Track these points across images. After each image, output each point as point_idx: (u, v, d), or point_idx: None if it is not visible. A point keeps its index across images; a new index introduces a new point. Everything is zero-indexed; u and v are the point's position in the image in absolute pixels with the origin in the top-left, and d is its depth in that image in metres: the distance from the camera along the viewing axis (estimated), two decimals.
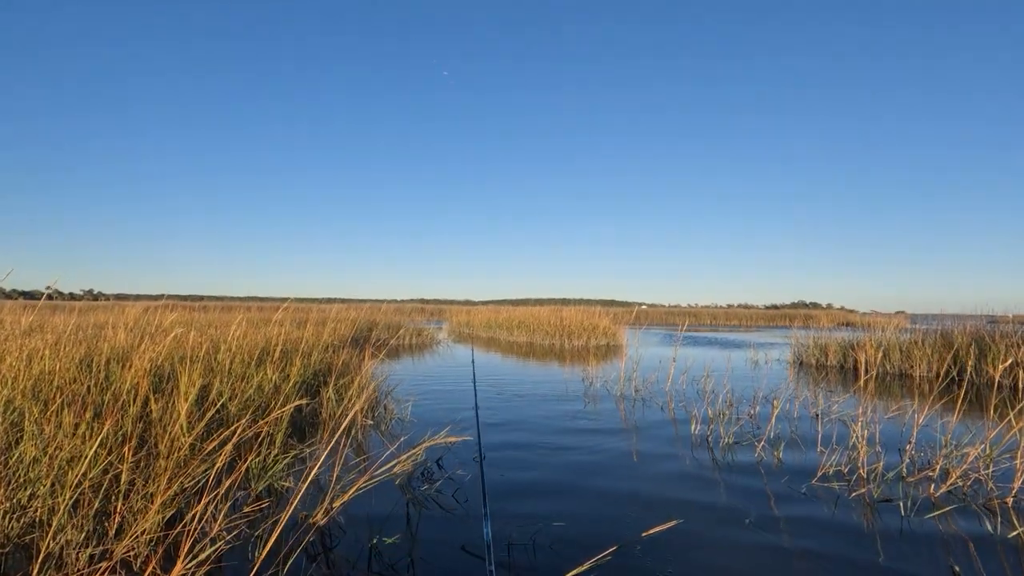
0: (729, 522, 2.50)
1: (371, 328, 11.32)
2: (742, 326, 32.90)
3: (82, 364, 3.90)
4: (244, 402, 3.70)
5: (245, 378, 4.04)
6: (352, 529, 2.36)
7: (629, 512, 2.62)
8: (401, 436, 3.89)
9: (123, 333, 5.07)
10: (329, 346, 6.84)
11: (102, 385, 3.51)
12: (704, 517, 2.56)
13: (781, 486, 2.99)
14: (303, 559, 2.11)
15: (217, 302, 20.88)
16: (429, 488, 2.87)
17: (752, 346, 13.67)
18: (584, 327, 14.87)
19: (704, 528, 2.43)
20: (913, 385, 7.39)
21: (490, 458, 3.44)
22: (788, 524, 2.49)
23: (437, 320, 28.14)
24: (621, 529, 2.41)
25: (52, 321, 7.24)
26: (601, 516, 2.57)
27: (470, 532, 2.36)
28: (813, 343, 10.23)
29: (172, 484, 2.14)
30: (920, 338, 8.81)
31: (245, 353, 4.61)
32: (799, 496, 2.85)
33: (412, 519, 2.49)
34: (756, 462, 3.45)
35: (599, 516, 2.56)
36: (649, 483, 3.06)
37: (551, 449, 3.70)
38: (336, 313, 10.39)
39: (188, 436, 2.61)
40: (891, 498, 2.81)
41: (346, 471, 2.84)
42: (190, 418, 2.99)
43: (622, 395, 5.91)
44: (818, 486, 2.99)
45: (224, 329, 6.01)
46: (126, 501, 2.15)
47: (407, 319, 17.35)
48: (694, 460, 3.49)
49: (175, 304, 12.22)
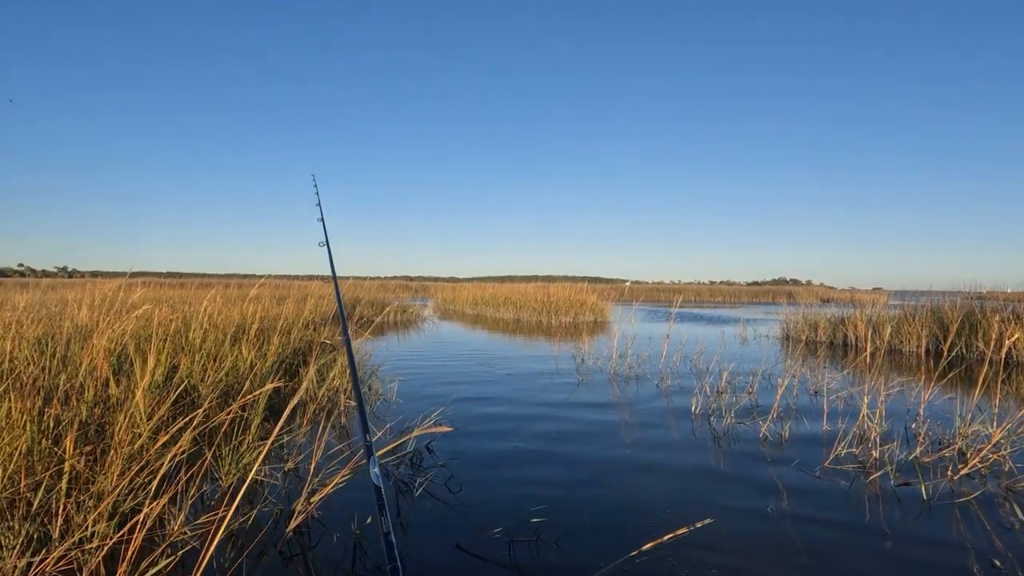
0: (753, 514, 2.32)
1: (354, 305, 10.99)
2: (726, 302, 33.09)
3: (39, 345, 3.58)
4: (215, 384, 3.43)
5: (218, 358, 3.75)
6: (334, 524, 2.13)
7: (638, 506, 2.43)
8: (387, 419, 3.66)
9: (86, 310, 4.71)
10: (310, 323, 6.55)
11: (57, 367, 3.21)
12: (723, 507, 2.37)
13: (792, 470, 2.82)
14: (278, 560, 1.87)
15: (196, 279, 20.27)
16: (418, 476, 2.65)
17: (740, 322, 13.63)
18: (571, 303, 14.71)
19: (727, 519, 2.24)
20: (903, 361, 7.34)
21: (482, 442, 3.23)
22: (808, 511, 2.32)
23: (422, 297, 27.78)
24: (634, 524, 2.21)
25: (14, 299, 6.82)
26: (611, 510, 2.37)
27: (465, 526, 2.14)
28: (802, 319, 10.18)
29: (124, 478, 1.88)
30: (910, 313, 8.77)
31: (219, 331, 4.31)
32: (813, 480, 2.68)
33: (402, 511, 2.26)
34: (761, 442, 3.28)
35: (609, 509, 2.37)
36: (655, 471, 2.87)
37: (548, 435, 3.49)
38: (317, 289, 10.04)
39: (148, 422, 2.34)
40: (910, 482, 2.66)
41: (327, 459, 2.60)
42: (153, 402, 2.71)
43: (615, 372, 5.73)
44: (831, 469, 2.83)
45: (198, 306, 5.67)
46: (70, 499, 1.89)
47: (391, 296, 17.01)
48: (698, 442, 3.31)
49: (152, 281, 11.73)
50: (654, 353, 6.86)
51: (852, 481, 2.68)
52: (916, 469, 2.83)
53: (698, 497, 2.48)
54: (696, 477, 2.74)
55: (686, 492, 2.54)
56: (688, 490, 2.57)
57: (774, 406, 3.72)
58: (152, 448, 1.92)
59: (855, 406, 4.07)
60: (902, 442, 3.24)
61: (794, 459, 2.98)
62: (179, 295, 8.48)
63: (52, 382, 2.89)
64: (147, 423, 2.34)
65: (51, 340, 3.69)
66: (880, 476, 2.72)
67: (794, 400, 4.42)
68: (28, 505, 1.85)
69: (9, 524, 1.80)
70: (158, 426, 2.51)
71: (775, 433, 3.44)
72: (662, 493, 2.52)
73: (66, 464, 1.87)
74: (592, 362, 6.51)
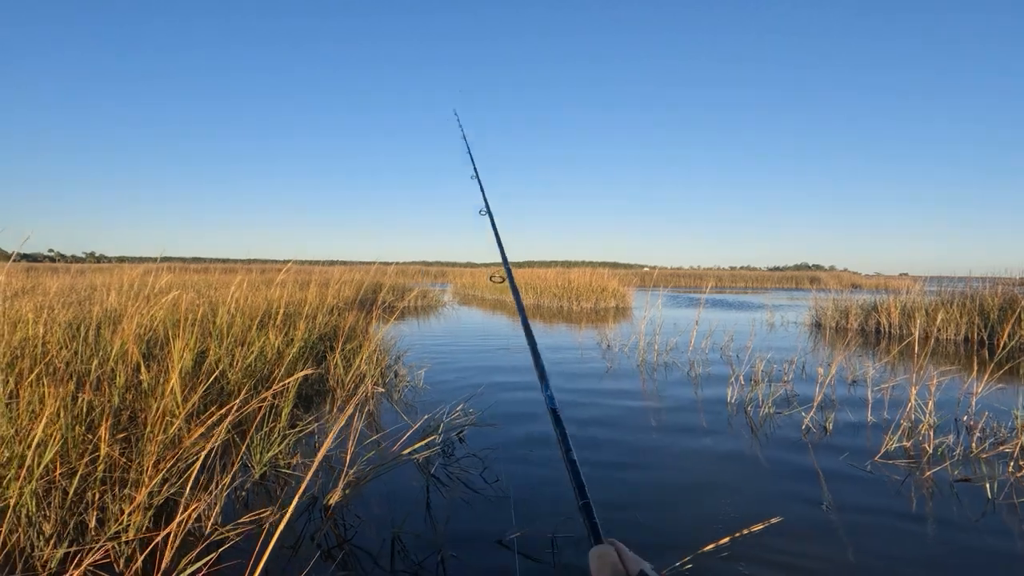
0: (810, 510, 2.21)
1: (377, 290, 10.99)
2: (750, 288, 32.53)
3: (70, 329, 3.58)
4: (245, 370, 3.40)
5: (246, 343, 3.72)
6: (369, 516, 2.07)
7: (690, 501, 2.33)
8: (416, 407, 3.60)
9: (115, 295, 4.73)
10: (334, 308, 6.53)
11: (89, 352, 3.20)
12: (777, 501, 2.26)
13: (842, 464, 2.69)
14: (316, 553, 1.82)
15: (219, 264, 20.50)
16: (451, 466, 2.58)
17: (767, 308, 13.34)
18: (592, 289, 14.54)
19: (783, 514, 2.14)
20: (940, 349, 7.08)
21: (514, 430, 3.15)
22: (864, 507, 2.20)
23: (440, 282, 27.81)
24: (688, 520, 2.12)
25: (45, 283, 6.91)
26: (661, 505, 2.28)
27: (503, 520, 2.07)
28: (832, 305, 9.90)
29: (160, 468, 1.83)
30: (947, 300, 8.46)
31: (246, 316, 4.29)
32: (866, 475, 2.55)
33: (435, 504, 2.20)
34: (804, 433, 3.15)
35: (658, 503, 2.27)
36: (699, 463, 2.77)
37: (583, 423, 3.40)
38: (340, 274, 10.04)
39: (182, 409, 2.30)
40: (969, 478, 2.51)
41: (361, 449, 2.55)
42: (184, 389, 2.68)
43: (643, 360, 5.61)
44: (883, 464, 2.69)
45: (224, 291, 5.67)
46: (104, 488, 1.85)
47: (412, 281, 17.02)
48: (736, 433, 3.20)
49: (176, 267, 11.87)
50: (682, 340, 6.72)
51: (906, 476, 2.54)
52: (974, 464, 2.68)
53: (750, 492, 2.37)
54: (743, 470, 2.63)
55: (735, 486, 2.43)
56: (737, 484, 2.46)
57: (816, 396, 3.58)
58: (188, 438, 1.87)
59: (897, 397, 3.90)
60: (954, 435, 3.08)
61: (842, 451, 2.84)
62: (203, 280, 8.54)
63: (83, 367, 2.88)
64: (181, 410, 2.30)
65: (81, 325, 3.69)
66: (937, 471, 2.58)
67: (831, 390, 4.26)
68: (64, 494, 1.82)
69: (45, 514, 1.76)
70: (190, 413, 2.48)
71: (818, 424, 3.30)
72: (712, 487, 2.42)
73: (101, 452, 1.84)
74: (619, 348, 6.40)
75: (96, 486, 1.83)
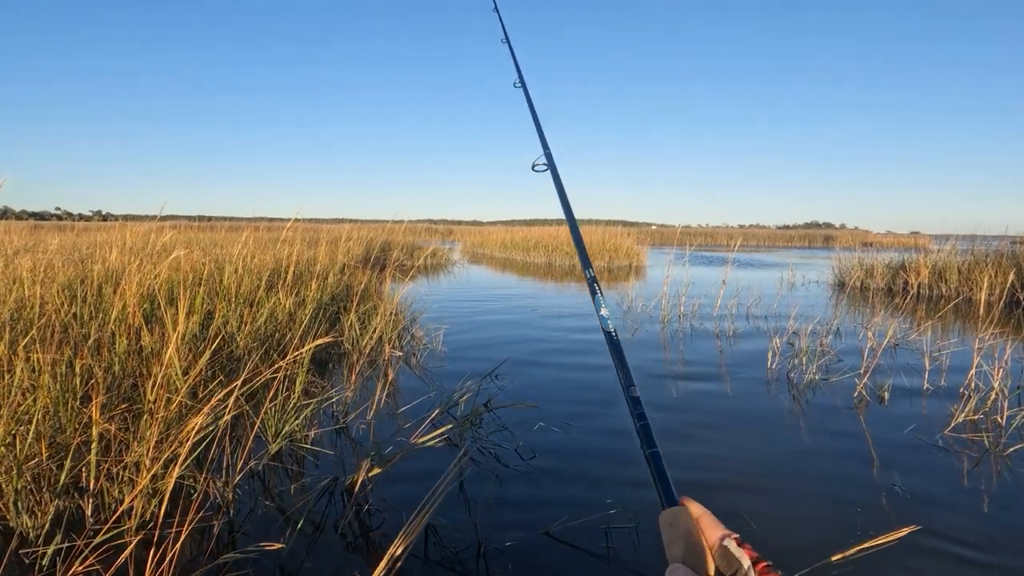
0: (889, 495, 1.98)
1: (387, 248, 10.73)
2: (763, 246, 31.94)
3: (70, 289, 3.35)
4: (255, 333, 3.18)
5: (255, 304, 3.49)
6: (396, 499, 1.86)
7: (753, 486, 2.11)
8: (437, 372, 3.39)
9: (116, 253, 4.49)
10: (345, 267, 6.28)
11: (89, 314, 2.99)
12: (853, 486, 2.04)
13: (910, 438, 2.45)
14: (340, 543, 1.62)
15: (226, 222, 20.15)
16: (482, 440, 2.37)
17: (789, 267, 12.98)
18: (606, 247, 14.18)
19: (865, 503, 1.91)
20: (972, 311, 6.77)
21: (549, 402, 2.93)
22: (946, 490, 1.97)
23: (449, 241, 27.47)
24: (757, 508, 1.90)
25: (47, 241, 6.70)
26: (721, 491, 2.06)
27: (543, 503, 1.86)
28: (858, 263, 9.54)
29: (163, 448, 1.62)
30: (980, 259, 8.10)
31: (253, 276, 4.04)
32: (939, 452, 2.31)
33: (469, 485, 1.99)
34: (857, 404, 2.92)
35: (718, 489, 2.06)
36: (750, 439, 2.55)
37: (619, 398, 3.17)
38: (349, 232, 9.76)
39: (183, 383, 2.08)
40: None
41: (382, 424, 2.34)
42: (190, 353, 2.46)
43: (666, 323, 5.35)
44: (954, 437, 2.46)
45: (230, 248, 5.41)
46: (102, 469, 1.64)
47: (420, 240, 16.72)
48: (784, 405, 2.97)
49: (182, 224, 11.62)
50: (706, 301, 6.44)
51: (984, 453, 2.31)
52: None
53: (821, 474, 2.15)
54: (808, 449, 2.41)
55: (804, 469, 2.21)
56: (804, 465, 2.24)
57: (865, 361, 3.32)
58: (192, 416, 1.64)
59: (948, 362, 3.63)
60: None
61: (905, 424, 2.61)
62: (209, 238, 8.28)
63: (82, 331, 2.66)
64: (184, 381, 2.08)
65: (81, 284, 3.47)
66: (1019, 447, 2.34)
67: (874, 353, 4.00)
68: (52, 480, 1.61)
69: (37, 499, 1.57)
70: (196, 383, 2.26)
71: (873, 393, 3.06)
72: (771, 468, 2.20)
73: (93, 430, 1.62)
74: (640, 310, 6.14)
75: (91, 469, 1.62)
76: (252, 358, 2.89)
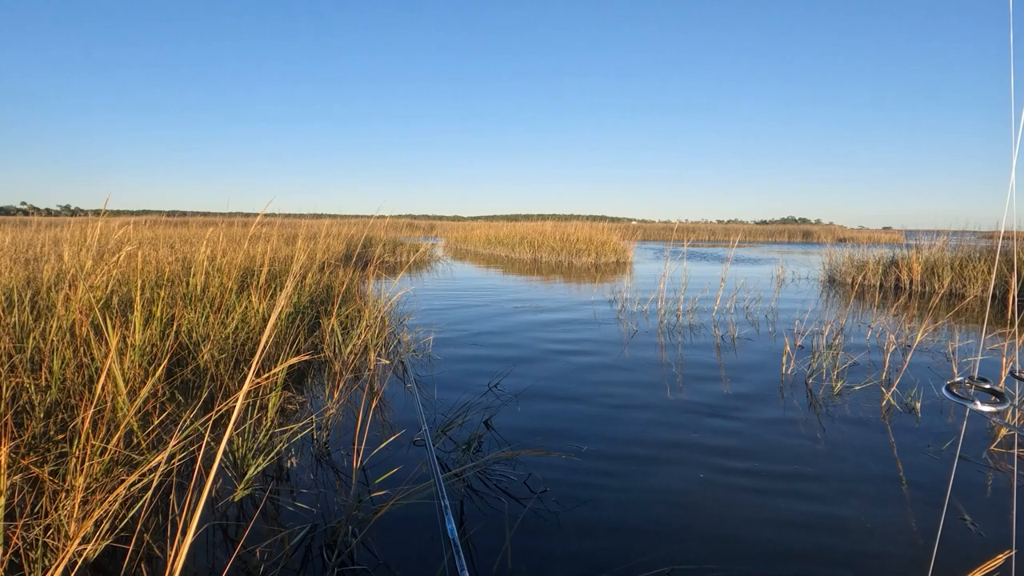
0: (948, 525, 1.74)
1: (369, 245, 10.33)
2: (745, 242, 32.12)
3: (10, 296, 2.96)
4: (222, 343, 2.82)
5: (222, 308, 3.14)
6: (389, 555, 1.56)
7: (792, 523, 1.85)
8: (430, 385, 3.08)
9: (68, 252, 4.06)
10: (325, 265, 5.91)
11: (29, 325, 2.61)
12: (902, 510, 1.80)
13: (951, 455, 2.23)
14: None
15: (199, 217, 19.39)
16: (485, 469, 2.07)
17: (776, 263, 12.90)
18: (592, 243, 13.97)
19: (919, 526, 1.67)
20: (967, 307, 6.67)
21: (552, 419, 2.64)
22: (1006, 518, 1.74)
23: (431, 236, 27.01)
24: (807, 549, 1.64)
25: (3, 239, 6.19)
26: (758, 528, 1.80)
27: (571, 557, 1.58)
28: (848, 260, 9.47)
29: (92, 508, 1.29)
30: (971, 256, 8.05)
31: (223, 275, 3.68)
32: (986, 472, 2.09)
33: (475, 529, 1.69)
34: (886, 414, 2.69)
35: (756, 526, 1.79)
36: (771, 462, 2.29)
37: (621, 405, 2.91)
38: (328, 228, 9.35)
39: (131, 407, 1.74)
40: None
41: (370, 444, 2.02)
42: (142, 371, 2.11)
43: (663, 322, 5.11)
44: (1001, 453, 2.24)
45: (200, 245, 5.01)
46: (10, 536, 1.30)
47: (402, 235, 16.30)
48: (806, 414, 2.73)
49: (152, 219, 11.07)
50: (703, 298, 6.22)
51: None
52: None
53: (863, 496, 1.90)
54: (837, 470, 2.16)
55: (838, 493, 1.96)
56: (842, 488, 1.99)
57: (885, 367, 3.11)
58: (131, 471, 1.31)
59: (976, 369, 3.45)
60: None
61: (944, 439, 2.38)
62: (180, 234, 7.81)
63: (16, 345, 2.29)
64: (130, 407, 1.74)
65: (28, 287, 3.09)
66: None
67: (887, 356, 3.80)
68: None
69: None
70: (150, 408, 1.92)
71: (903, 403, 2.84)
72: (804, 499, 1.95)
73: (1, 480, 1.28)
74: (633, 307, 5.89)
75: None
76: (220, 371, 2.55)
